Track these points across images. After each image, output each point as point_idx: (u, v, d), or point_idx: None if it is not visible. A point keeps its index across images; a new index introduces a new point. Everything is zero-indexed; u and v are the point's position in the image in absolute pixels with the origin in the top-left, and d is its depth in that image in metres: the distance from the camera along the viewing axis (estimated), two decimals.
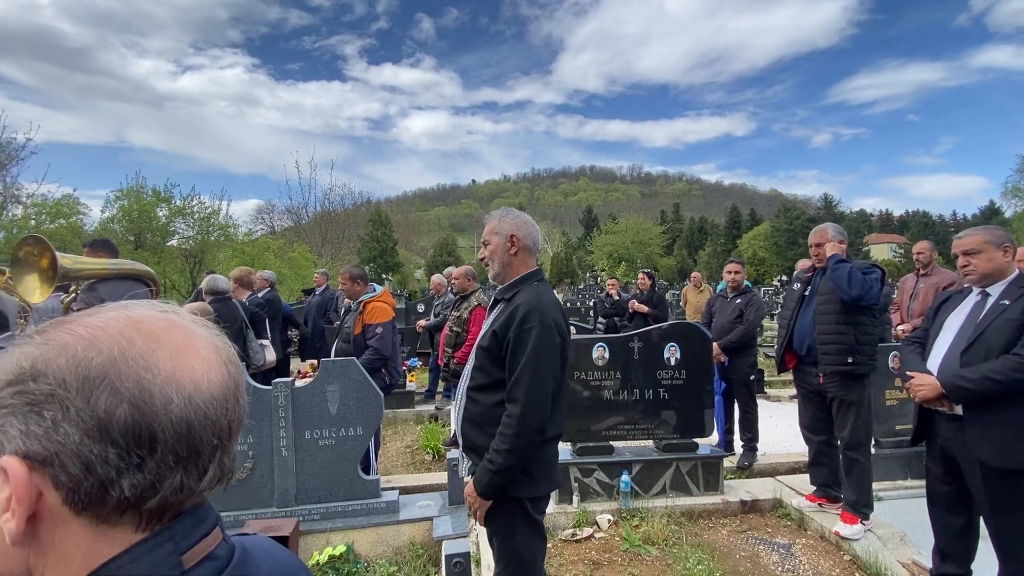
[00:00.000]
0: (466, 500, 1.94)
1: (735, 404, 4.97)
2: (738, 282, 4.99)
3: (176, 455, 0.48)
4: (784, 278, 27.21)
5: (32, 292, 3.10)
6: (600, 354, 3.88)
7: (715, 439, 4.65)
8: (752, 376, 4.98)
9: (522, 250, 2.02)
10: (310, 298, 8.25)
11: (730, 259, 5.22)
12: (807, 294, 3.61)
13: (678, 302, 12.74)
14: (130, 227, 16.73)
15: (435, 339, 6.70)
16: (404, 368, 6.57)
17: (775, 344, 3.95)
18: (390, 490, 3.50)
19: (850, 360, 3.26)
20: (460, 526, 3.29)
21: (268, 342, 5.01)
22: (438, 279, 7.35)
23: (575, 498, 3.72)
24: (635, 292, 7.92)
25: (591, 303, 14.13)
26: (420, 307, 9.94)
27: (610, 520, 3.55)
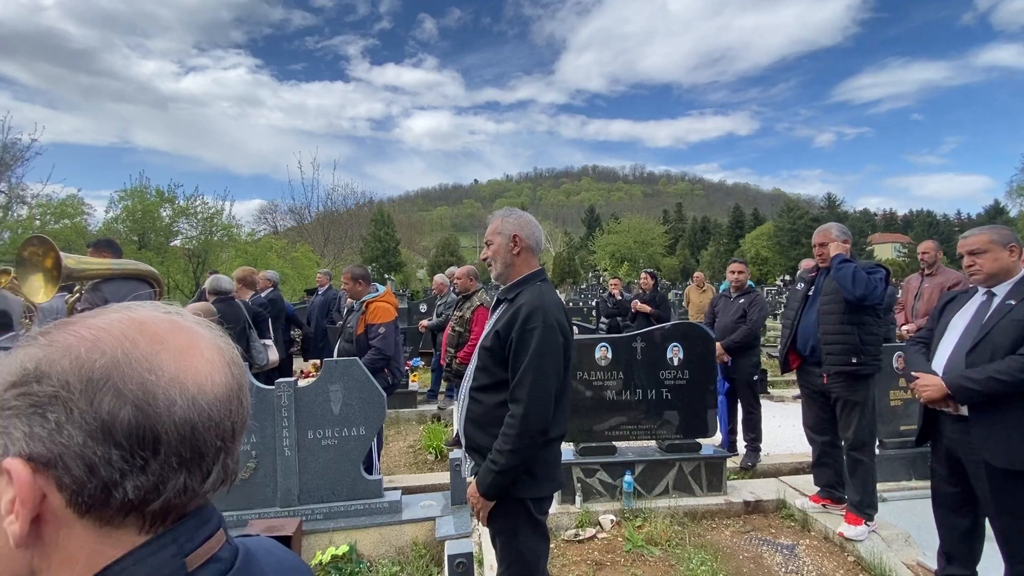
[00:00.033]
0: (469, 500, 1.93)
1: (738, 404, 4.96)
2: (741, 282, 4.98)
3: (180, 457, 0.48)
4: (787, 278, 27.13)
5: (37, 292, 3.12)
6: (603, 354, 3.88)
7: (718, 439, 4.64)
8: (755, 376, 4.97)
9: (525, 250, 2.01)
10: (313, 298, 8.26)
11: (733, 259, 5.21)
12: (811, 294, 3.59)
13: (681, 302, 12.73)
14: (134, 227, 16.83)
15: (437, 339, 6.71)
16: (407, 368, 6.58)
17: (778, 344, 3.93)
18: (393, 490, 3.51)
19: (854, 360, 3.25)
20: (463, 526, 3.29)
21: (271, 342, 5.02)
22: (440, 279, 7.36)
23: (578, 498, 3.71)
24: (638, 292, 7.90)
25: (593, 303, 14.14)
26: (422, 307, 9.94)
27: (613, 520, 3.55)
